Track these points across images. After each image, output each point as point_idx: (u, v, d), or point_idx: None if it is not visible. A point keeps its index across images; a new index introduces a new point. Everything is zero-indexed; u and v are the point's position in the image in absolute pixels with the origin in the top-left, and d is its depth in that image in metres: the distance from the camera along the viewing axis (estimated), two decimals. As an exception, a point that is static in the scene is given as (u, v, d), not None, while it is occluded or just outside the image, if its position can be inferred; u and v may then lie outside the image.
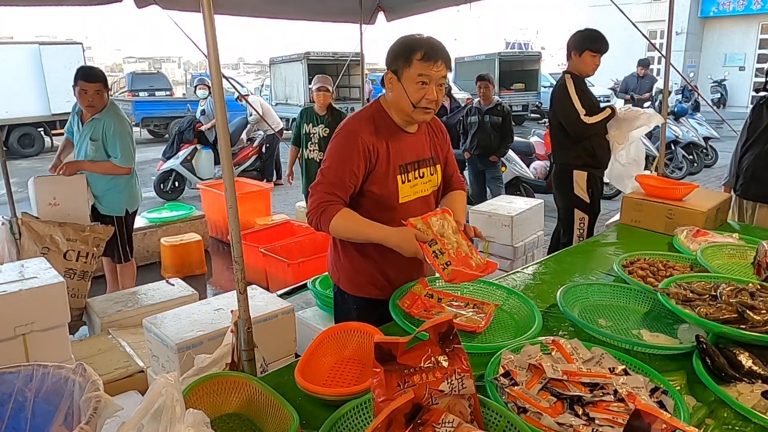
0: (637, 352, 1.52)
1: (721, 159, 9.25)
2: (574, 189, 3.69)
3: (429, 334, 1.17)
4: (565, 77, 3.59)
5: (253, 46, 78.33)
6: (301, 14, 4.86)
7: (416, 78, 1.73)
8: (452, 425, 1.04)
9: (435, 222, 1.77)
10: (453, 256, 1.71)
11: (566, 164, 3.71)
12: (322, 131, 4.96)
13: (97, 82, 3.56)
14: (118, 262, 3.99)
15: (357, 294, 1.99)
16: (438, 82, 1.75)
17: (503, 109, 6.08)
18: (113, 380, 2.65)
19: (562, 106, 3.57)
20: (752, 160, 3.36)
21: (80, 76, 3.55)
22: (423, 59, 1.72)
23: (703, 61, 20.16)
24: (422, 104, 1.76)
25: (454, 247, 1.74)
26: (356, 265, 1.95)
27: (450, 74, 1.82)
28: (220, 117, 1.67)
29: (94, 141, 3.62)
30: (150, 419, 1.00)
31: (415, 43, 1.74)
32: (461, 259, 1.72)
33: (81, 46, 13.53)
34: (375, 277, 1.94)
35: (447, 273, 1.66)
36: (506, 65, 16.79)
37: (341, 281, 2.03)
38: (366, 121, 1.83)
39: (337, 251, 2.00)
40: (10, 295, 2.38)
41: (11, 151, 12.67)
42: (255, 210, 6.01)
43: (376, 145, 1.80)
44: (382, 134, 1.82)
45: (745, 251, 2.22)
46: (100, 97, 3.59)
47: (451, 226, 1.78)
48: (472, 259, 1.75)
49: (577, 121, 3.51)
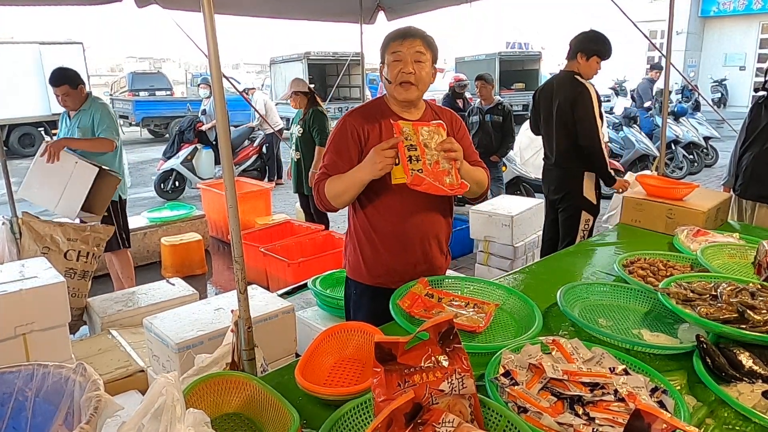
0: (638, 351, 1.52)
1: (721, 159, 9.24)
2: (584, 191, 3.65)
3: (429, 334, 1.17)
4: (586, 84, 3.48)
5: (254, 46, 78.29)
6: (301, 14, 4.86)
7: (392, 58, 1.83)
8: (452, 425, 1.04)
9: (424, 131, 1.76)
10: (428, 167, 1.71)
11: (579, 167, 3.63)
12: (298, 131, 5.05)
13: (62, 85, 3.63)
14: (115, 248, 4.02)
15: (356, 279, 2.08)
16: (414, 57, 1.82)
17: (504, 109, 6.07)
18: (113, 380, 2.65)
19: (583, 114, 3.46)
20: (751, 160, 3.35)
21: (49, 82, 3.65)
22: (394, 39, 1.84)
23: (704, 60, 20.15)
24: (399, 79, 1.83)
25: (433, 160, 1.73)
26: (358, 252, 2.04)
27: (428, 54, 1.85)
28: (221, 117, 1.67)
29: (82, 129, 3.71)
30: (150, 419, 1.00)
31: (392, 31, 1.88)
32: (435, 172, 1.71)
33: (81, 46, 13.53)
34: (372, 265, 2.01)
35: (409, 176, 1.67)
36: (506, 65, 16.78)
37: (345, 265, 2.14)
38: (357, 110, 1.96)
39: (347, 237, 2.11)
40: (10, 294, 2.38)
41: (11, 151, 12.68)
42: (255, 210, 6.01)
43: (366, 127, 1.89)
44: (374, 118, 1.88)
45: (745, 251, 2.21)
46: (71, 98, 3.68)
47: (439, 139, 1.77)
48: (447, 177, 1.73)
49: (595, 133, 3.44)
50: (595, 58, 3.49)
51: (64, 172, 3.58)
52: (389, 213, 1.93)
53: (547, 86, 3.75)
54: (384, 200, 1.91)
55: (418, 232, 1.96)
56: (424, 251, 2.00)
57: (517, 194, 6.50)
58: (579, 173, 3.64)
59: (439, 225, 2.02)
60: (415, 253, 1.98)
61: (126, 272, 4.18)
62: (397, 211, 1.92)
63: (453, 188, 1.73)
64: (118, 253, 4.11)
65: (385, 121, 1.87)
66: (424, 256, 2.00)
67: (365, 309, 2.07)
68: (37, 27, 40.69)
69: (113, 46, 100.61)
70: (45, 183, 3.59)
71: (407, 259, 1.98)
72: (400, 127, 1.72)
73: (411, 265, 1.99)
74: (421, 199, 1.86)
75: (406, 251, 1.97)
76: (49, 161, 3.52)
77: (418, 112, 1.96)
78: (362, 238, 2.01)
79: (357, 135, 1.89)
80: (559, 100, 3.58)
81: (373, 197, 1.92)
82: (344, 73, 9.06)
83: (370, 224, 1.97)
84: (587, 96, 3.45)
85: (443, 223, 2.04)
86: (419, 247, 1.98)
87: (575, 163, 3.64)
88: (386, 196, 1.89)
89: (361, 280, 2.06)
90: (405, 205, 1.91)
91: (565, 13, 39.31)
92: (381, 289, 1.98)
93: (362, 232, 2.00)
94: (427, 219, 1.97)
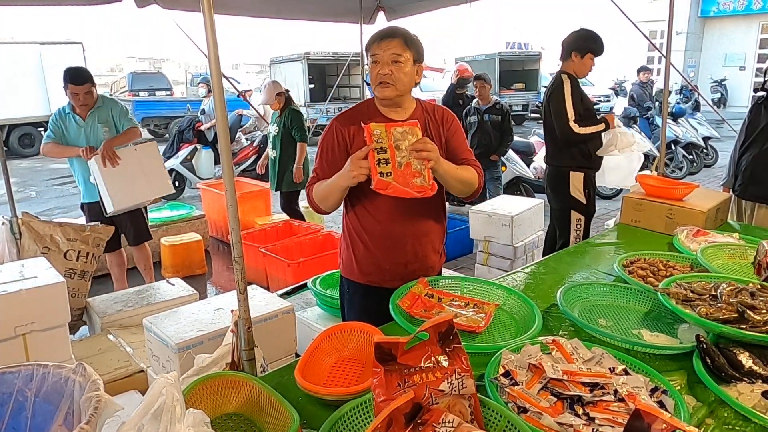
0: (637, 351, 1.52)
1: (721, 159, 9.24)
2: (571, 190, 3.67)
3: (429, 334, 1.17)
4: (563, 77, 3.53)
5: (254, 46, 78.31)
6: (301, 14, 4.87)
7: (371, 60, 1.88)
8: (452, 425, 1.04)
9: (397, 132, 1.74)
10: (398, 169, 1.70)
11: (562, 166, 3.67)
12: (274, 131, 5.31)
13: (86, 83, 3.68)
14: (147, 239, 4.14)
15: (348, 277, 2.11)
16: (390, 58, 1.84)
17: (502, 108, 6.08)
18: (113, 380, 2.65)
19: (555, 107, 3.53)
20: (751, 160, 3.35)
21: (69, 80, 3.65)
22: (373, 41, 1.88)
23: (704, 61, 20.16)
24: (377, 80, 1.87)
25: (404, 161, 1.71)
26: (350, 251, 2.05)
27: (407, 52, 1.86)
28: (220, 117, 1.67)
29: (105, 123, 3.79)
30: (150, 419, 1.00)
31: (374, 33, 1.91)
32: (404, 174, 1.70)
33: (81, 46, 13.54)
34: (364, 264, 2.03)
35: (375, 181, 1.67)
36: (506, 65, 16.79)
37: (341, 265, 2.15)
38: (345, 113, 2.01)
39: (344, 235, 2.12)
40: (10, 295, 2.38)
41: (11, 151, 12.69)
42: (255, 210, 6.01)
43: (351, 129, 1.92)
44: (359, 120, 1.87)
45: (745, 251, 2.21)
46: (91, 96, 3.73)
47: (413, 139, 1.74)
48: (419, 178, 1.71)
49: (565, 126, 3.47)
50: (589, 55, 3.50)
51: (134, 162, 3.72)
52: (378, 213, 1.95)
53: (548, 88, 3.80)
54: (373, 201, 1.93)
55: (408, 232, 1.98)
56: (415, 250, 2.00)
57: (517, 194, 6.50)
58: (564, 172, 3.67)
59: (430, 224, 2.03)
60: (406, 253, 1.99)
61: (149, 265, 4.25)
62: (385, 210, 1.94)
63: (422, 190, 1.71)
64: (142, 248, 4.19)
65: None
66: (415, 255, 2.01)
67: (357, 307, 2.10)
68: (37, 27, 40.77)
69: (113, 46, 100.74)
70: (126, 183, 3.70)
71: (398, 258, 2.00)
72: (371, 130, 1.71)
73: (402, 264, 2.00)
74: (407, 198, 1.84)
75: (396, 250, 1.99)
76: (113, 166, 3.65)
77: (405, 112, 1.96)
78: (354, 237, 2.04)
79: (342, 138, 1.93)
80: (545, 100, 3.67)
81: (363, 198, 1.95)
82: (344, 73, 9.07)
83: (360, 224, 2.00)
84: (560, 89, 3.51)
85: (434, 222, 2.04)
86: (410, 247, 1.99)
87: (560, 162, 3.70)
88: (375, 196, 1.86)
89: (353, 279, 2.09)
90: (394, 205, 1.92)
91: (565, 13, 39.30)
92: (373, 287, 2.02)
93: (354, 232, 2.03)
94: (417, 218, 1.98)
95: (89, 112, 3.77)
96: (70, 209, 7.91)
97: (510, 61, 17.16)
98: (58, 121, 3.78)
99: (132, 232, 4.06)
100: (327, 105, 13.43)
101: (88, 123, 3.77)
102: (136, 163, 3.74)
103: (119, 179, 3.67)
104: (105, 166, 3.62)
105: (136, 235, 4.09)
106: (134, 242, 4.12)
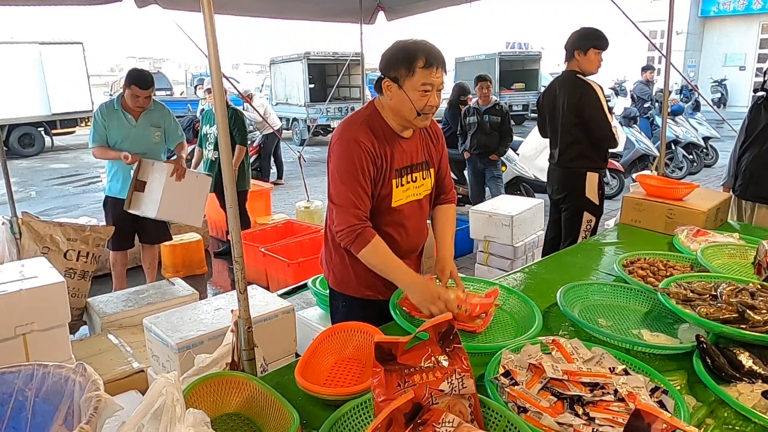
0: (637, 351, 1.52)
1: (721, 159, 9.25)
2: (586, 192, 3.63)
3: (429, 334, 1.17)
4: (589, 82, 3.46)
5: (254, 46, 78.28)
6: (301, 14, 4.87)
7: (419, 87, 1.72)
8: (452, 425, 1.04)
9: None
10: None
11: (582, 167, 3.60)
12: (215, 132, 5.17)
13: (150, 88, 3.79)
14: (156, 242, 4.22)
15: (344, 292, 2.02)
16: (438, 87, 1.76)
17: (502, 109, 6.08)
18: (113, 380, 2.65)
19: (592, 112, 3.43)
20: (750, 160, 3.35)
21: (134, 82, 3.72)
22: (425, 67, 1.70)
23: (704, 60, 20.16)
24: (425, 111, 1.77)
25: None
26: (346, 265, 1.96)
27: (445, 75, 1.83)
28: (220, 117, 1.67)
29: (156, 128, 3.90)
30: (150, 419, 1.00)
31: (416, 49, 1.72)
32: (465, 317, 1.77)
33: (81, 46, 13.53)
34: (363, 277, 1.94)
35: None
36: (506, 65, 16.78)
37: (330, 278, 2.06)
38: (362, 127, 1.81)
39: (329, 249, 2.02)
40: (10, 294, 2.38)
41: (11, 151, 12.68)
42: (255, 210, 6.01)
43: (378, 149, 1.80)
44: (380, 139, 1.81)
45: (745, 251, 2.22)
46: (149, 99, 3.85)
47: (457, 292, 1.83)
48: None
49: (610, 131, 3.43)
50: (593, 50, 3.47)
51: (189, 186, 3.85)
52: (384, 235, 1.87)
53: (550, 88, 3.76)
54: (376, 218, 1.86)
55: (414, 247, 2.03)
56: (415, 262, 2.07)
57: (517, 194, 6.50)
58: (581, 174, 3.62)
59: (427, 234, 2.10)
60: (411, 263, 2.00)
61: (154, 264, 4.28)
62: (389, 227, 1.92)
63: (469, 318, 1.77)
64: (154, 247, 4.24)
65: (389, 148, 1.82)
66: (416, 267, 2.05)
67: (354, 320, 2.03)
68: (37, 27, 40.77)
69: (113, 46, 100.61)
70: (176, 199, 3.79)
71: None
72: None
73: None
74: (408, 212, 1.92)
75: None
76: (178, 180, 3.74)
77: (410, 130, 1.92)
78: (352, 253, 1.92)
79: (374, 158, 1.79)
80: (561, 101, 3.57)
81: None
82: (344, 73, 9.05)
83: None
84: (593, 94, 3.44)
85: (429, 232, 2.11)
86: (415, 257, 2.07)
87: (577, 164, 3.63)
88: (379, 216, 1.87)
89: (349, 293, 2.01)
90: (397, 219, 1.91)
91: (565, 13, 39.32)
92: (370, 300, 1.97)
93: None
94: (421, 232, 2.04)
95: (144, 112, 3.83)
96: (70, 209, 7.91)
97: (510, 61, 17.16)
98: (102, 119, 3.77)
99: (153, 231, 4.09)
100: (327, 105, 13.42)
101: (140, 124, 3.82)
102: (190, 187, 3.86)
103: (174, 193, 3.74)
104: (172, 176, 3.70)
105: (157, 234, 4.15)
106: (154, 241, 4.19)
